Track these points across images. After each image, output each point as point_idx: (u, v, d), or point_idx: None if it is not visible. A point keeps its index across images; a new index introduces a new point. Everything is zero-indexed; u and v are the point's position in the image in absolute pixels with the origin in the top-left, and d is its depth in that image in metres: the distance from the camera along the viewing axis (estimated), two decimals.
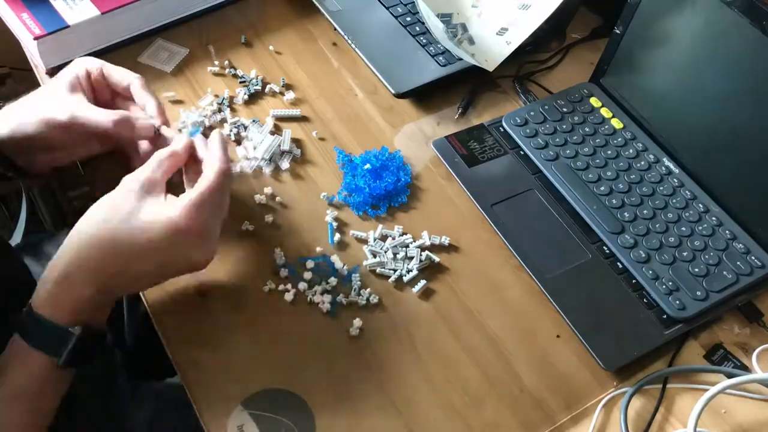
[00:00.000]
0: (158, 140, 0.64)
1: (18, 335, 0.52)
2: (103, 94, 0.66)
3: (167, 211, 0.53)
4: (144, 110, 0.64)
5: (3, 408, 0.50)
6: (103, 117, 0.60)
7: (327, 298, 0.64)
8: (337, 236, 0.69)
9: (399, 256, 0.68)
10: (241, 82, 0.81)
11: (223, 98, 0.79)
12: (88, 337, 0.52)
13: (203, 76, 0.81)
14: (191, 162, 0.60)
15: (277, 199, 0.72)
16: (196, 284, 0.65)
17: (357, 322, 0.64)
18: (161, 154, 0.57)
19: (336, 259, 0.67)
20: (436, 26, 0.82)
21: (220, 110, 0.78)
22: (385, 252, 0.68)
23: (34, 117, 0.61)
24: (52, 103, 0.61)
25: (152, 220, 0.53)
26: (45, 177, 0.68)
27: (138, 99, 0.64)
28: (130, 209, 0.53)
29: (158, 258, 0.54)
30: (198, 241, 0.54)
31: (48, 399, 0.53)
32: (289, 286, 0.65)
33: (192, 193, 0.54)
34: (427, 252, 0.68)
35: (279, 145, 0.74)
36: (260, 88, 0.80)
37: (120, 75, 0.65)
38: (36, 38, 0.75)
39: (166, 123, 0.63)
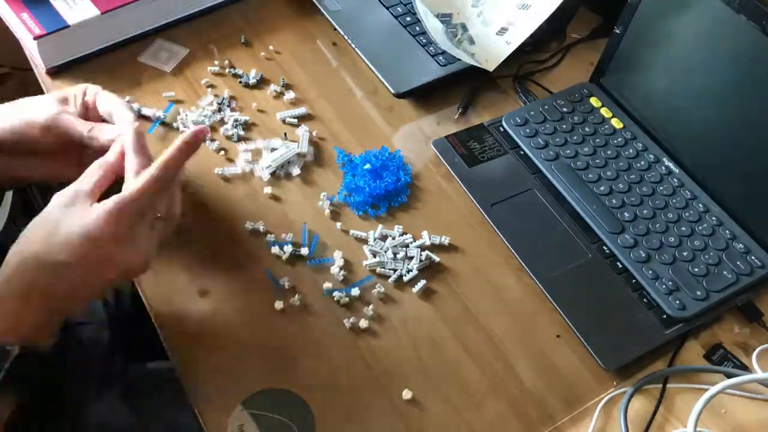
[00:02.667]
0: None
1: None
2: (94, 117, 0.63)
3: (84, 220, 0.51)
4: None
5: None
6: (81, 123, 0.60)
7: (328, 298, 0.64)
8: (337, 235, 0.69)
9: (399, 256, 0.68)
10: (240, 82, 0.81)
11: (223, 98, 0.79)
12: (27, 356, 0.50)
13: (203, 76, 0.81)
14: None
15: (277, 198, 0.72)
16: (196, 284, 0.65)
17: (357, 321, 0.64)
18: (94, 164, 0.56)
19: (337, 257, 0.67)
20: (435, 28, 0.82)
21: (219, 110, 0.78)
22: (385, 252, 0.68)
23: (16, 116, 0.60)
24: (38, 106, 0.61)
25: (70, 231, 0.51)
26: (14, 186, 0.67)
27: (117, 119, 0.61)
28: (52, 225, 0.52)
29: (84, 270, 0.52)
30: (120, 247, 0.52)
31: None
32: (289, 285, 0.65)
33: (110, 200, 0.52)
34: (427, 252, 0.68)
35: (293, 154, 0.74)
36: (257, 81, 0.81)
37: (108, 102, 0.62)
38: (36, 38, 0.75)
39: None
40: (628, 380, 0.63)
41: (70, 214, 0.52)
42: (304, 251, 0.67)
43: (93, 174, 0.55)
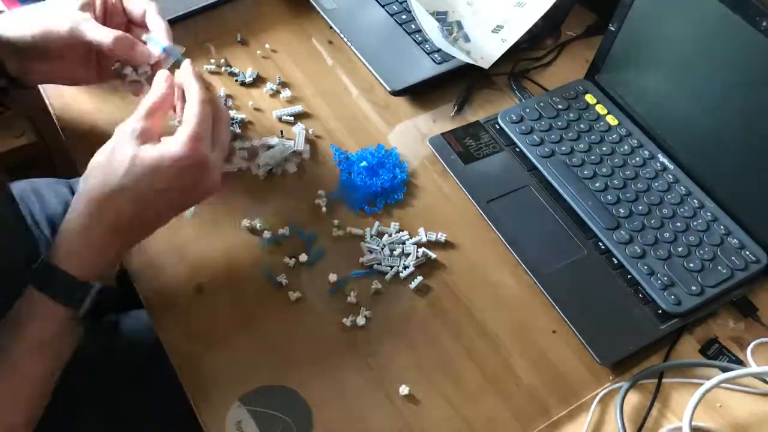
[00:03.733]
0: (164, 64, 0.64)
1: (35, 289, 0.52)
2: (118, 20, 0.65)
3: (168, 149, 0.53)
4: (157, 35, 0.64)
5: (25, 361, 0.52)
6: (104, 33, 0.60)
7: (325, 295, 0.65)
8: (337, 232, 0.69)
9: (395, 253, 0.68)
10: (236, 81, 0.81)
11: (222, 96, 0.79)
12: (105, 291, 0.54)
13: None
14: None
15: (274, 196, 0.72)
16: (193, 280, 0.65)
17: (354, 318, 0.64)
18: (148, 101, 0.57)
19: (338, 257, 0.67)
20: (430, 26, 0.82)
21: None
22: (382, 249, 0.68)
23: (37, 24, 0.61)
24: (59, 14, 0.61)
25: (156, 162, 0.53)
26: (35, 92, 0.69)
27: (150, 24, 0.64)
28: (130, 161, 0.53)
29: (169, 197, 0.54)
30: (202, 170, 0.55)
31: (65, 350, 0.55)
32: (286, 282, 0.66)
33: (186, 128, 0.54)
34: (423, 249, 0.69)
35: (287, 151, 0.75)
36: (253, 80, 0.81)
37: (135, 1, 0.65)
38: None
39: (171, 48, 0.63)
40: (624, 375, 0.63)
41: (147, 149, 0.53)
42: (303, 258, 0.68)
43: (151, 111, 0.56)
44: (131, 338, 0.78)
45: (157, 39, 0.63)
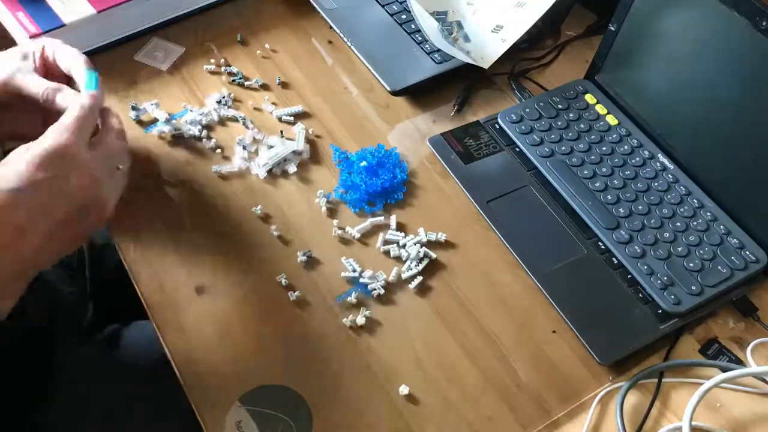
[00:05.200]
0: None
1: None
2: (56, 74, 0.63)
3: (34, 146, 0.51)
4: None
5: None
6: (38, 85, 0.58)
7: (325, 294, 0.64)
8: (337, 232, 0.69)
9: (394, 254, 0.68)
10: (233, 81, 0.81)
11: (223, 96, 0.79)
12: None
13: (199, 74, 0.82)
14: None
15: (274, 196, 0.72)
16: (193, 280, 0.65)
17: (354, 318, 0.64)
18: (52, 127, 0.54)
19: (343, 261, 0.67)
20: (430, 26, 0.82)
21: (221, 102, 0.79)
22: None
23: None
24: None
25: (21, 160, 0.50)
26: None
27: (77, 79, 0.61)
28: (5, 162, 0.51)
29: (39, 198, 0.50)
30: (68, 164, 0.51)
31: None
32: (286, 282, 0.66)
33: (56, 123, 0.52)
34: (423, 248, 0.69)
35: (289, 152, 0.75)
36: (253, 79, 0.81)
37: (67, 57, 0.62)
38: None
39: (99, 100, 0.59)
40: (624, 375, 0.63)
41: (20, 150, 0.51)
42: (303, 258, 0.68)
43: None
44: (134, 349, 0.78)
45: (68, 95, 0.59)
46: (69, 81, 0.62)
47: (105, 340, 0.77)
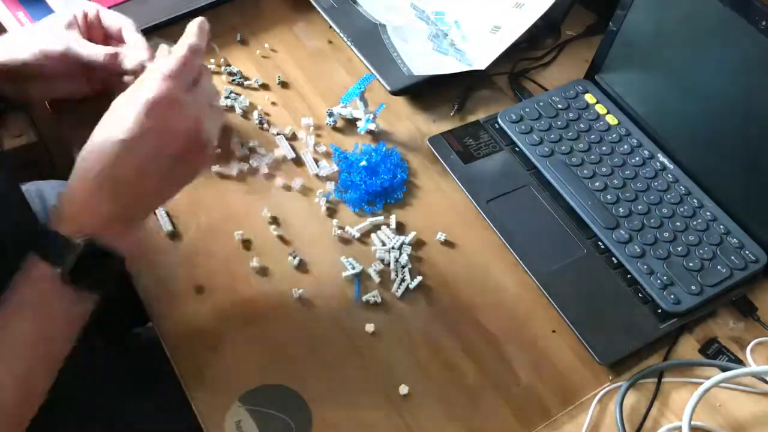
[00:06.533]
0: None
1: (30, 253, 0.51)
2: (96, 35, 0.69)
3: (138, 93, 0.52)
4: (133, 50, 0.67)
5: (13, 321, 0.50)
6: (96, 50, 0.65)
7: (325, 294, 0.65)
8: (337, 231, 0.69)
9: (394, 254, 0.68)
10: (233, 81, 0.81)
11: (231, 91, 0.80)
12: (93, 251, 0.51)
13: None
14: None
15: (275, 195, 0.72)
16: (193, 280, 0.65)
17: (354, 318, 0.64)
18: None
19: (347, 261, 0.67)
20: (420, 33, 0.82)
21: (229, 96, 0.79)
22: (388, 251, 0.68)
23: (30, 46, 0.65)
24: (49, 35, 0.66)
25: (127, 107, 0.51)
26: (36, 109, 0.71)
27: (128, 40, 0.68)
28: (111, 111, 0.52)
29: (147, 142, 0.51)
30: (172, 110, 0.52)
31: (55, 320, 0.52)
32: (284, 281, 0.65)
33: (155, 69, 0.53)
34: (422, 248, 0.69)
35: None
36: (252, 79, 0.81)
37: (113, 18, 0.69)
38: None
39: (151, 58, 0.66)
40: (624, 375, 0.63)
41: (125, 95, 0.53)
42: (302, 247, 0.68)
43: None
44: (143, 350, 0.78)
45: (136, 53, 0.66)
46: (105, 39, 0.69)
47: (113, 342, 0.77)
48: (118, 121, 0.51)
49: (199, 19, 0.58)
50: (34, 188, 0.87)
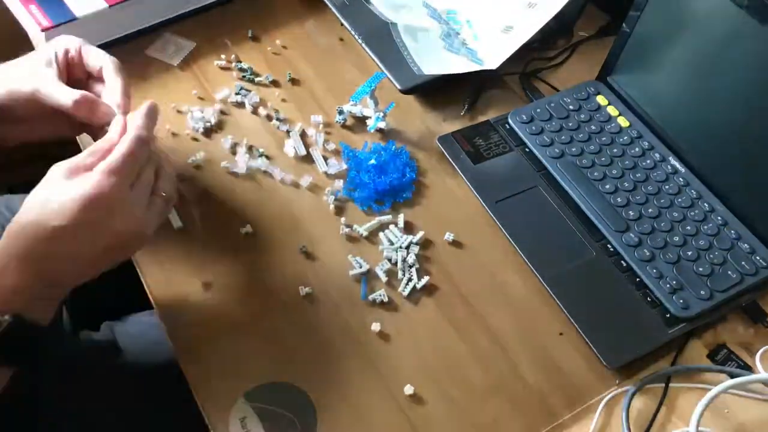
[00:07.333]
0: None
1: None
2: (79, 73, 0.64)
3: (78, 186, 0.52)
4: (111, 93, 0.62)
5: None
6: (65, 95, 0.59)
7: (331, 292, 0.64)
8: (345, 230, 0.69)
9: (402, 253, 0.68)
10: (243, 77, 0.81)
11: (241, 87, 0.80)
12: (21, 328, 0.50)
13: (210, 70, 0.82)
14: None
15: (283, 192, 0.72)
16: (201, 277, 0.65)
17: (361, 317, 0.64)
18: (98, 142, 0.56)
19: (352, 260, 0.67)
20: (432, 32, 0.82)
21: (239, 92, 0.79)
22: (397, 250, 0.68)
23: (1, 86, 0.60)
24: (22, 74, 0.61)
25: (65, 198, 0.51)
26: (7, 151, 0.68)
27: (107, 81, 0.62)
28: (49, 193, 0.52)
29: (78, 234, 0.52)
30: (111, 211, 0.52)
31: None
32: (291, 279, 0.65)
33: (101, 164, 0.53)
34: (430, 248, 0.68)
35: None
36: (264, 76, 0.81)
37: (95, 57, 0.63)
38: (43, 30, 0.75)
39: (127, 108, 0.60)
40: (631, 379, 0.63)
41: (67, 184, 0.52)
42: (308, 245, 0.67)
43: (96, 153, 0.55)
44: (137, 347, 0.78)
45: (111, 98, 0.60)
46: (88, 78, 0.64)
47: (105, 340, 0.77)
48: (55, 207, 0.51)
49: (148, 104, 0.58)
50: (3, 201, 0.86)
